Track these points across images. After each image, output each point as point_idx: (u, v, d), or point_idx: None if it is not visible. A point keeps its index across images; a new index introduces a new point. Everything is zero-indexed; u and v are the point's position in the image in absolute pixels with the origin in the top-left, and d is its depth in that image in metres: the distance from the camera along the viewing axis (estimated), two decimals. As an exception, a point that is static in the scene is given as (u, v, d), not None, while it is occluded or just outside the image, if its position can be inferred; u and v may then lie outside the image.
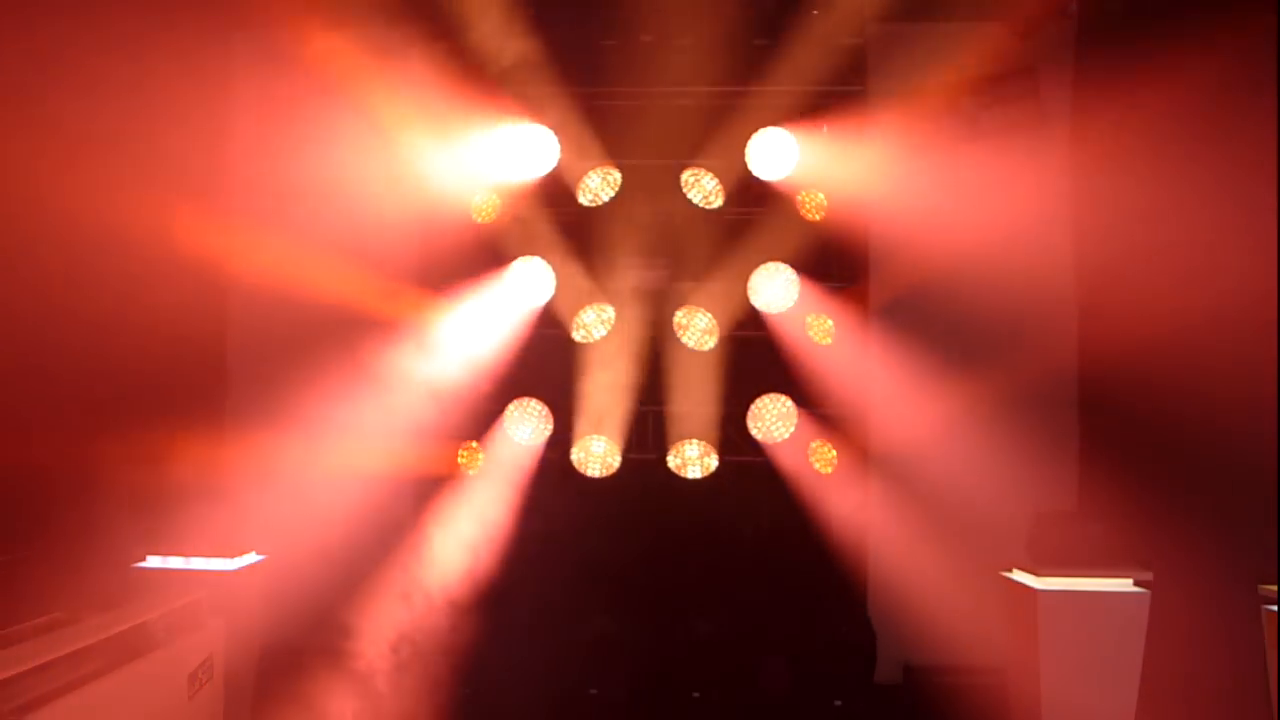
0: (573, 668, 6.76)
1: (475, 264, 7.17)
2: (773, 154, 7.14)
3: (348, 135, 6.97)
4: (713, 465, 7.17)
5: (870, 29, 7.20)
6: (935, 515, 6.85)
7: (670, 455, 7.19)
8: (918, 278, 6.96)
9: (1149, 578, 5.75)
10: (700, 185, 7.21)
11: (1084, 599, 5.74)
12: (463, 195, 7.22)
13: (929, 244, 6.85)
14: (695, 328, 7.20)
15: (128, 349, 6.24)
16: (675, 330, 7.20)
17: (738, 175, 7.18)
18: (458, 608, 6.75)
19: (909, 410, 6.98)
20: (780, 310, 7.17)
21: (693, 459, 7.18)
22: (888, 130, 6.96)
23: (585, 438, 7.15)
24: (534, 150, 7.16)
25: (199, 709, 5.39)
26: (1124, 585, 5.79)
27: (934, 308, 6.96)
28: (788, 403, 7.18)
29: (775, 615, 7.01)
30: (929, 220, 6.84)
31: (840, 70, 7.09)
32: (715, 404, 7.23)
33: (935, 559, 6.77)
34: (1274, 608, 4.93)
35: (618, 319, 7.22)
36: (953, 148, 6.85)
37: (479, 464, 7.20)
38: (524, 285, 7.20)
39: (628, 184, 7.24)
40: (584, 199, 7.27)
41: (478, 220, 7.24)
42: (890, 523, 7.04)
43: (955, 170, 6.80)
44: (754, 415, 7.20)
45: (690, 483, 7.17)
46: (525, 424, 7.23)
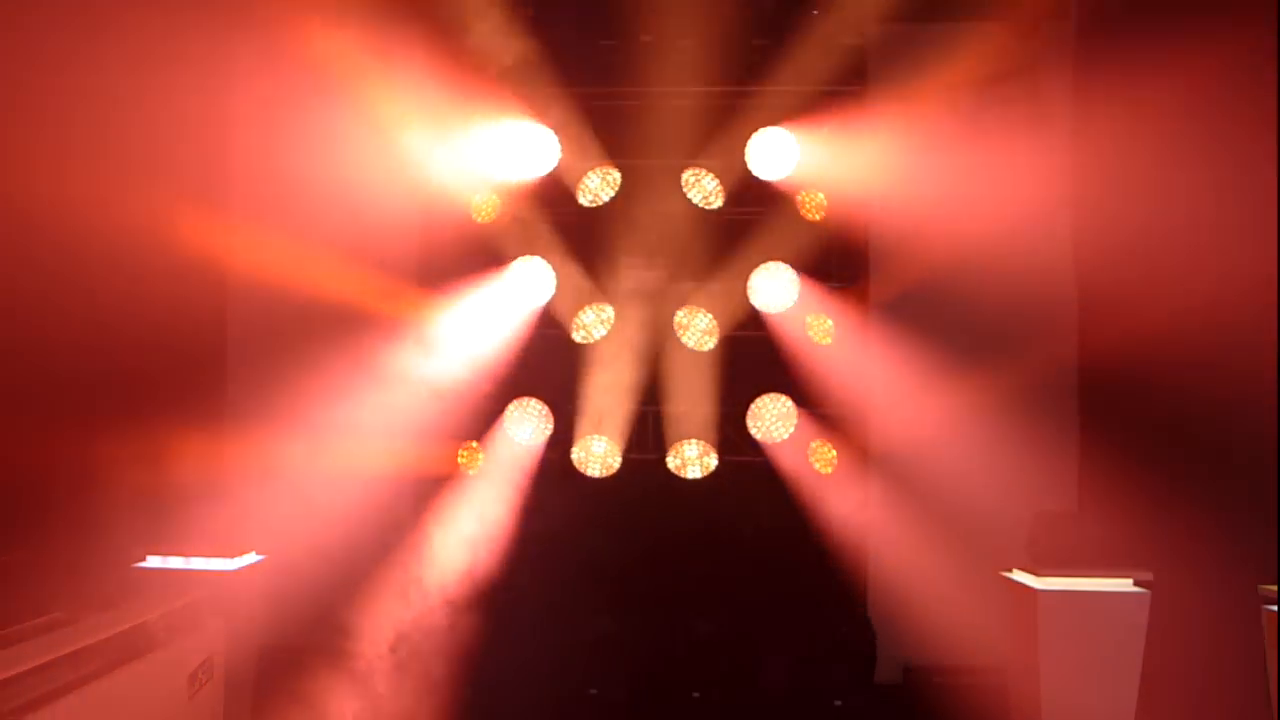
0: (573, 668, 6.76)
1: (475, 263, 7.18)
2: (773, 154, 7.14)
3: (348, 134, 6.96)
4: (712, 465, 7.17)
5: (870, 29, 7.20)
6: (935, 515, 6.85)
7: (670, 456, 7.19)
8: (918, 276, 6.96)
9: (1149, 578, 5.74)
10: (700, 185, 7.21)
11: (1084, 599, 5.74)
12: (462, 195, 7.22)
13: (929, 242, 6.85)
14: (695, 328, 7.20)
15: (127, 348, 6.24)
16: (675, 330, 7.20)
17: (738, 175, 7.18)
18: (457, 607, 6.76)
19: (909, 410, 6.98)
20: (780, 310, 7.18)
21: (692, 459, 7.18)
22: (888, 129, 6.96)
23: (585, 438, 7.16)
24: (534, 150, 7.17)
25: (199, 709, 5.38)
26: (1124, 585, 5.78)
27: (934, 306, 6.96)
28: (788, 403, 7.18)
29: (775, 615, 7.01)
30: (929, 219, 6.83)
31: (840, 70, 7.10)
32: (715, 404, 7.23)
33: (935, 559, 6.77)
34: (1274, 608, 4.93)
35: (618, 319, 7.22)
36: (953, 145, 6.84)
37: (479, 464, 7.20)
38: (524, 285, 7.20)
39: (628, 184, 7.24)
40: (584, 199, 7.27)
41: (478, 220, 7.24)
42: (890, 523, 7.04)
43: (955, 167, 6.79)
44: (754, 415, 7.20)
45: (690, 483, 7.17)
46: (525, 424, 7.23)
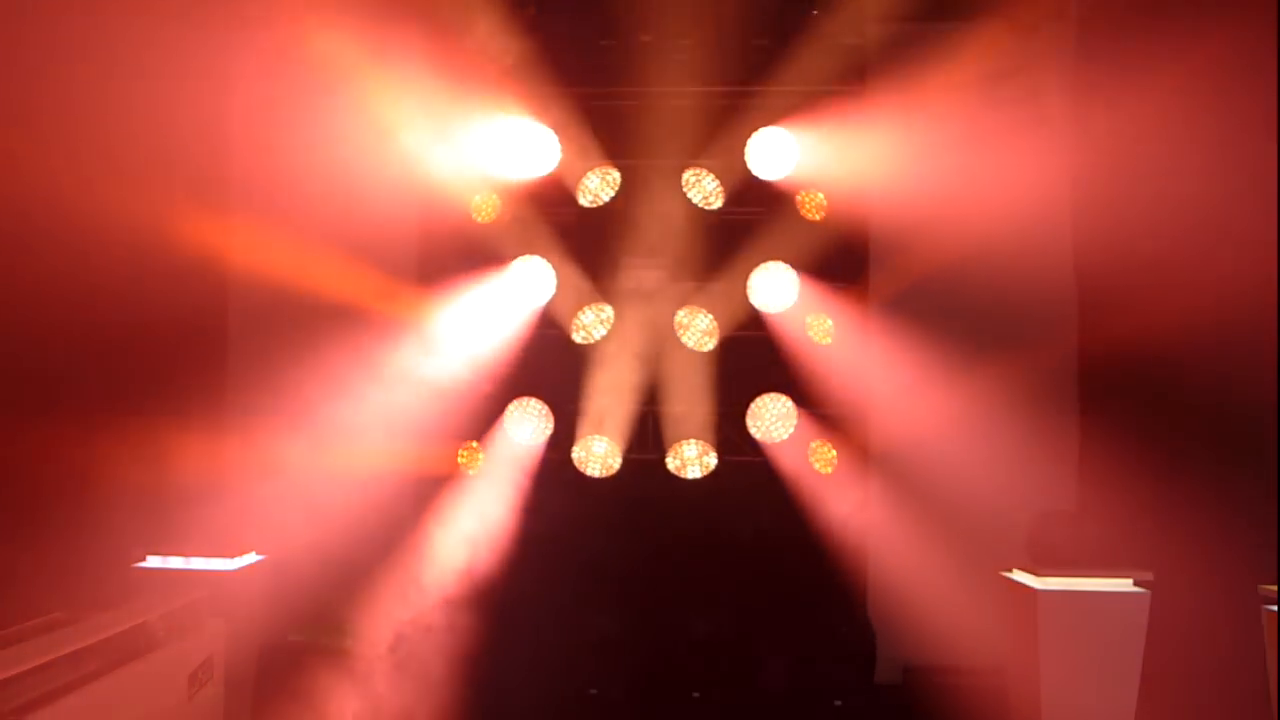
0: (572, 668, 6.76)
1: (475, 263, 7.17)
2: (773, 154, 7.14)
3: (349, 134, 6.96)
4: (712, 464, 7.16)
5: (870, 29, 7.20)
6: (935, 515, 6.85)
7: (669, 457, 7.18)
8: (917, 275, 6.96)
9: (1149, 578, 5.74)
10: (700, 185, 7.21)
11: (1084, 599, 5.74)
12: (462, 194, 7.22)
13: (929, 241, 6.86)
14: (695, 328, 7.19)
15: (127, 348, 6.25)
16: (675, 330, 7.20)
17: (738, 175, 7.17)
18: (457, 607, 6.75)
19: (909, 410, 6.98)
20: (780, 310, 7.17)
21: (692, 459, 7.17)
22: (887, 128, 6.96)
23: (586, 438, 7.15)
24: (534, 150, 7.16)
25: (199, 709, 5.39)
26: (1124, 585, 5.78)
27: (934, 305, 6.96)
28: (788, 403, 7.18)
29: (775, 615, 7.01)
30: (928, 218, 6.83)
31: (840, 70, 7.09)
32: (715, 404, 7.23)
33: (935, 559, 6.77)
34: (1274, 608, 4.93)
35: (617, 319, 7.22)
36: (952, 144, 6.84)
37: (479, 464, 7.20)
38: (524, 285, 7.20)
39: (628, 184, 7.24)
40: (584, 200, 7.27)
41: (477, 220, 7.24)
42: (890, 523, 7.04)
43: (954, 166, 6.78)
44: (754, 415, 7.20)
45: (690, 483, 7.16)
46: (526, 424, 7.23)
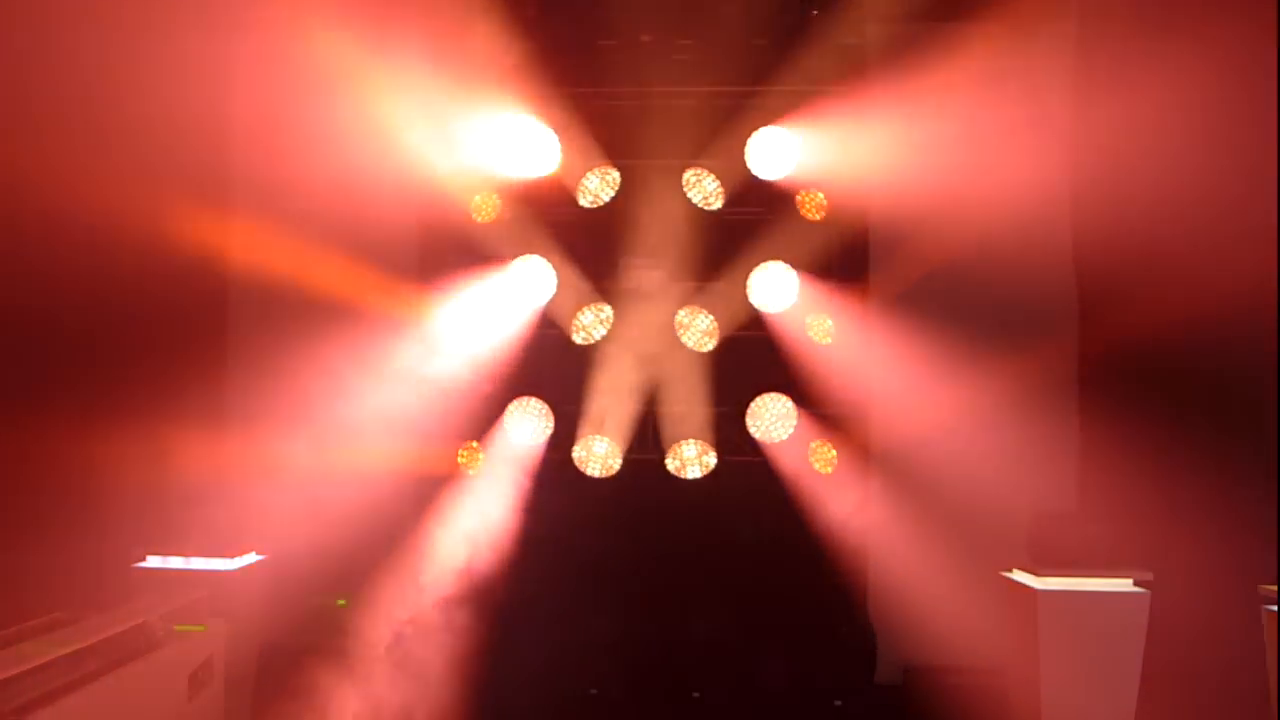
0: (572, 668, 6.76)
1: (475, 263, 7.17)
2: (773, 154, 7.14)
3: (349, 133, 6.96)
4: (711, 463, 7.16)
5: (870, 29, 7.20)
6: (935, 515, 6.85)
7: (669, 459, 7.18)
8: (917, 274, 6.96)
9: (1149, 578, 5.74)
10: (701, 185, 7.21)
11: (1084, 599, 5.74)
12: (462, 194, 7.22)
13: (928, 240, 6.87)
14: (695, 328, 7.19)
15: (127, 348, 6.25)
16: (675, 330, 7.20)
17: (738, 175, 7.17)
18: (457, 607, 6.75)
19: (909, 409, 6.98)
20: (780, 310, 7.17)
21: (691, 459, 7.17)
22: (887, 127, 6.96)
23: (586, 438, 7.15)
24: (534, 150, 7.16)
25: (199, 709, 5.39)
26: (1124, 585, 5.78)
27: (934, 305, 6.95)
28: (787, 402, 7.18)
29: (775, 615, 7.01)
30: (928, 216, 6.84)
31: (840, 70, 7.09)
32: (715, 404, 7.23)
33: (935, 559, 6.77)
34: (1274, 608, 4.93)
35: (617, 319, 7.22)
36: (952, 143, 6.84)
37: (479, 464, 7.20)
38: (524, 285, 7.20)
39: (628, 184, 7.24)
40: (584, 200, 7.27)
41: (477, 220, 7.23)
42: (890, 523, 7.04)
43: (954, 165, 6.78)
44: (754, 415, 7.20)
45: (690, 483, 7.16)
46: (526, 424, 7.23)
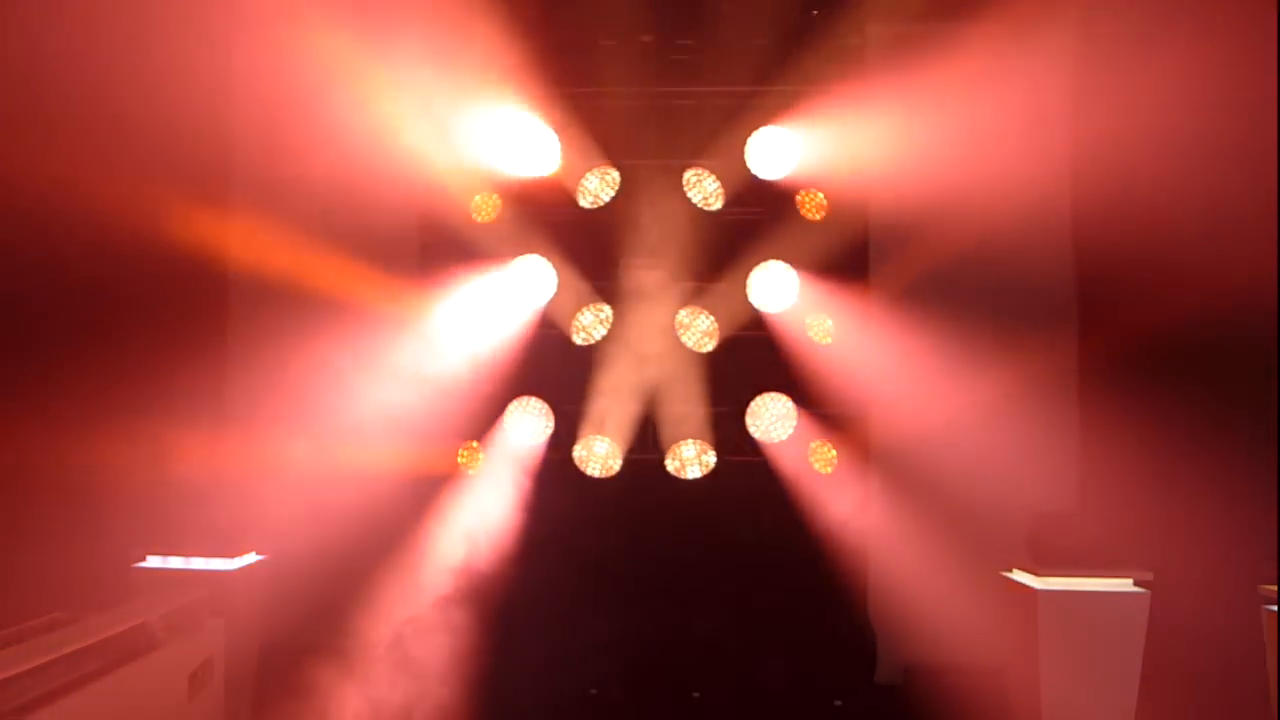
0: (573, 668, 6.76)
1: (475, 262, 7.17)
2: (773, 154, 7.14)
3: (351, 132, 6.96)
4: (711, 462, 7.16)
5: (870, 29, 7.20)
6: (935, 515, 6.85)
7: (669, 459, 7.18)
8: (917, 273, 6.96)
9: (1149, 578, 5.74)
10: (701, 186, 7.21)
11: (1084, 599, 5.74)
12: (462, 194, 7.22)
13: (928, 238, 6.87)
14: (695, 328, 7.19)
15: (127, 348, 6.24)
16: (676, 330, 7.20)
17: (738, 175, 7.18)
18: (457, 607, 6.75)
19: (909, 409, 6.98)
20: (780, 310, 7.17)
21: (690, 459, 7.17)
22: (887, 126, 6.95)
23: (586, 438, 7.15)
24: (534, 150, 7.16)
25: (199, 709, 5.39)
26: (1124, 585, 5.79)
27: (934, 305, 6.95)
28: (787, 402, 7.18)
29: (775, 615, 7.01)
30: (928, 215, 6.84)
31: (840, 70, 7.09)
32: (715, 404, 7.22)
33: (935, 559, 6.77)
34: (1274, 608, 4.93)
35: (618, 320, 7.22)
36: (951, 142, 6.83)
37: (479, 463, 7.19)
38: (524, 285, 7.20)
39: (628, 184, 7.24)
40: (584, 201, 7.27)
41: (477, 219, 7.23)
42: (890, 522, 7.04)
43: (954, 162, 6.78)
44: (754, 415, 7.20)
45: (690, 483, 7.16)
46: (526, 424, 7.23)
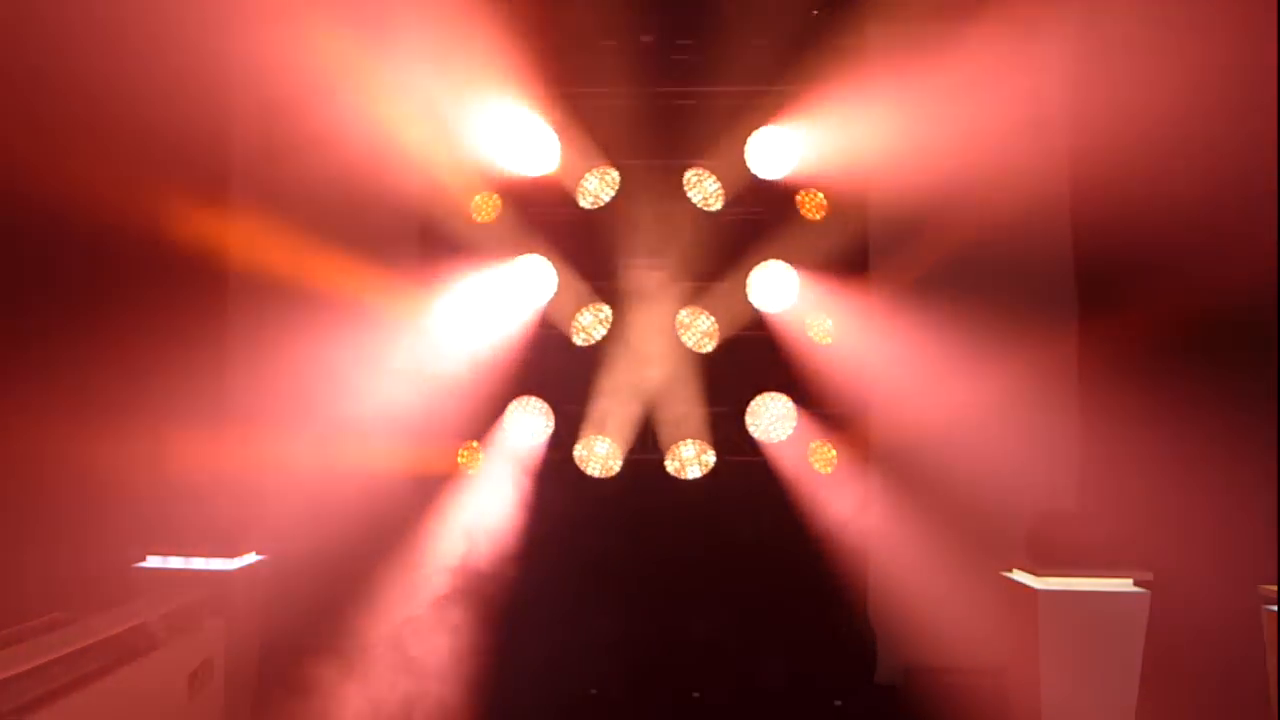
0: (573, 667, 6.76)
1: (475, 262, 7.17)
2: (773, 154, 7.14)
3: (350, 132, 6.96)
4: (710, 461, 7.16)
5: (870, 29, 7.20)
6: (935, 515, 6.85)
7: (669, 460, 7.18)
8: (918, 271, 6.97)
9: (1149, 578, 5.74)
10: (701, 186, 7.21)
11: (1084, 599, 5.74)
12: (463, 194, 7.22)
13: (928, 237, 6.88)
14: (696, 329, 7.19)
15: (127, 347, 6.24)
16: (676, 331, 7.20)
17: (738, 175, 7.18)
18: (457, 607, 6.75)
19: (909, 409, 6.97)
20: (780, 310, 7.17)
21: (690, 459, 7.17)
22: (887, 125, 6.95)
23: (586, 438, 7.16)
24: (534, 149, 7.16)
25: (199, 709, 5.39)
26: (1124, 585, 5.79)
27: (933, 303, 6.94)
28: (787, 402, 7.18)
29: (775, 615, 7.00)
30: (928, 214, 6.85)
31: (840, 70, 7.09)
32: (715, 404, 7.22)
33: (935, 559, 6.77)
34: (1274, 608, 4.93)
35: (618, 320, 7.22)
36: (951, 141, 6.83)
37: (479, 463, 7.19)
38: (524, 285, 7.20)
39: (628, 184, 7.24)
40: (584, 201, 7.27)
41: (477, 219, 7.23)
42: (890, 522, 7.04)
43: (954, 161, 6.78)
44: (753, 415, 7.20)
45: (690, 483, 7.16)
46: (526, 423, 7.23)
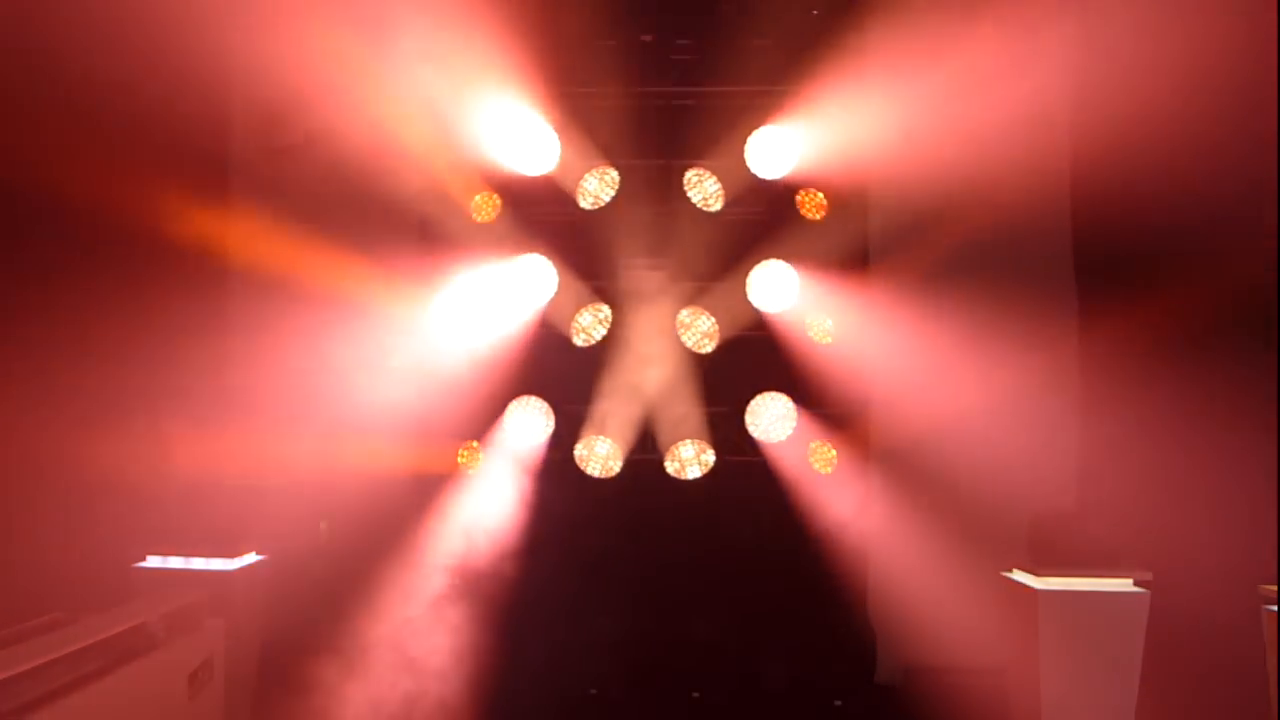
0: (573, 667, 6.76)
1: (475, 262, 7.17)
2: (773, 154, 7.14)
3: (350, 131, 6.95)
4: (710, 461, 7.16)
5: (870, 29, 7.19)
6: (935, 515, 6.85)
7: (668, 461, 7.18)
8: (917, 270, 6.97)
9: (1149, 578, 5.75)
10: (701, 186, 7.21)
11: (1084, 599, 5.74)
12: (463, 194, 7.22)
13: (928, 236, 6.88)
14: (696, 329, 7.19)
15: (126, 346, 6.24)
16: (676, 331, 7.20)
17: (738, 175, 7.17)
18: (456, 607, 6.75)
19: (909, 409, 6.98)
20: (780, 310, 7.17)
21: (689, 459, 7.17)
22: (886, 125, 6.95)
23: (586, 438, 7.16)
24: (534, 149, 7.16)
25: (199, 709, 5.39)
26: (1124, 585, 5.79)
27: (933, 302, 6.94)
28: (787, 402, 7.18)
29: (775, 615, 7.01)
30: (927, 213, 6.85)
31: (839, 70, 7.09)
32: (715, 404, 7.22)
33: (935, 559, 6.77)
34: (1274, 608, 4.93)
35: (617, 320, 7.22)
36: (950, 140, 6.83)
37: (479, 463, 7.19)
38: (524, 285, 7.20)
39: (628, 184, 7.24)
40: (584, 202, 7.27)
41: (477, 219, 7.23)
42: (890, 523, 7.04)
43: (953, 161, 6.78)
44: (753, 415, 7.20)
45: (690, 483, 7.16)
46: (526, 423, 7.23)
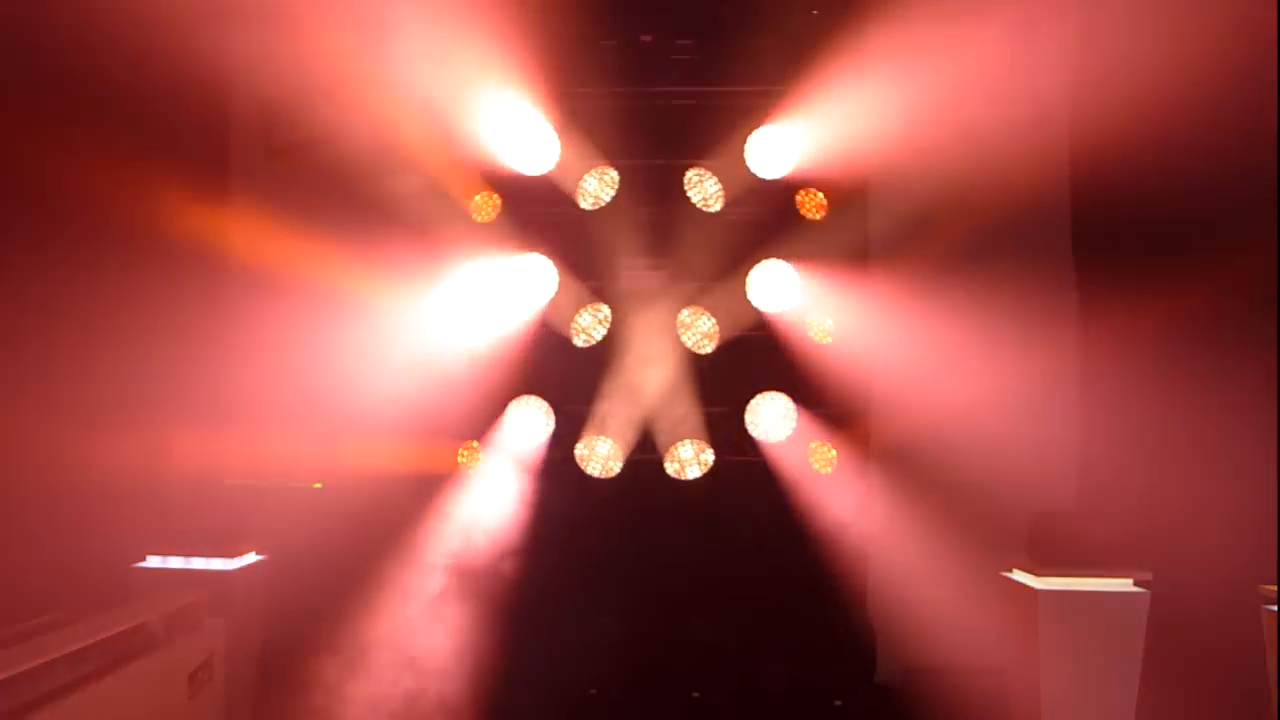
0: (572, 667, 6.76)
1: (475, 262, 7.17)
2: (773, 154, 7.14)
3: (351, 131, 6.96)
4: (709, 461, 7.16)
5: (871, 29, 7.19)
6: (935, 515, 6.85)
7: (668, 462, 7.18)
8: (917, 269, 6.97)
9: (1149, 578, 5.75)
10: (702, 186, 7.21)
11: (1084, 599, 5.75)
12: (463, 194, 7.22)
13: (928, 235, 6.88)
14: (696, 329, 7.19)
15: (126, 346, 6.24)
16: (676, 331, 7.20)
17: (738, 175, 7.17)
18: (456, 606, 6.75)
19: (909, 409, 6.98)
20: (780, 310, 7.17)
21: (689, 459, 7.17)
22: (886, 125, 6.95)
23: (586, 438, 7.16)
24: (534, 149, 7.16)
25: (199, 709, 5.39)
26: (1124, 585, 5.79)
27: (932, 301, 6.95)
28: (787, 402, 7.18)
29: (775, 615, 7.01)
30: (927, 213, 6.85)
31: (841, 70, 7.09)
32: (715, 404, 7.22)
33: (935, 559, 6.77)
34: (1274, 608, 4.93)
35: (617, 320, 7.22)
36: (950, 140, 6.83)
37: (479, 463, 7.19)
38: (524, 285, 7.20)
39: (628, 185, 7.24)
40: (584, 203, 7.27)
41: (477, 219, 7.24)
42: (890, 522, 7.04)
43: (953, 160, 6.78)
44: (753, 415, 7.20)
45: (690, 483, 7.16)
46: (526, 423, 7.23)
